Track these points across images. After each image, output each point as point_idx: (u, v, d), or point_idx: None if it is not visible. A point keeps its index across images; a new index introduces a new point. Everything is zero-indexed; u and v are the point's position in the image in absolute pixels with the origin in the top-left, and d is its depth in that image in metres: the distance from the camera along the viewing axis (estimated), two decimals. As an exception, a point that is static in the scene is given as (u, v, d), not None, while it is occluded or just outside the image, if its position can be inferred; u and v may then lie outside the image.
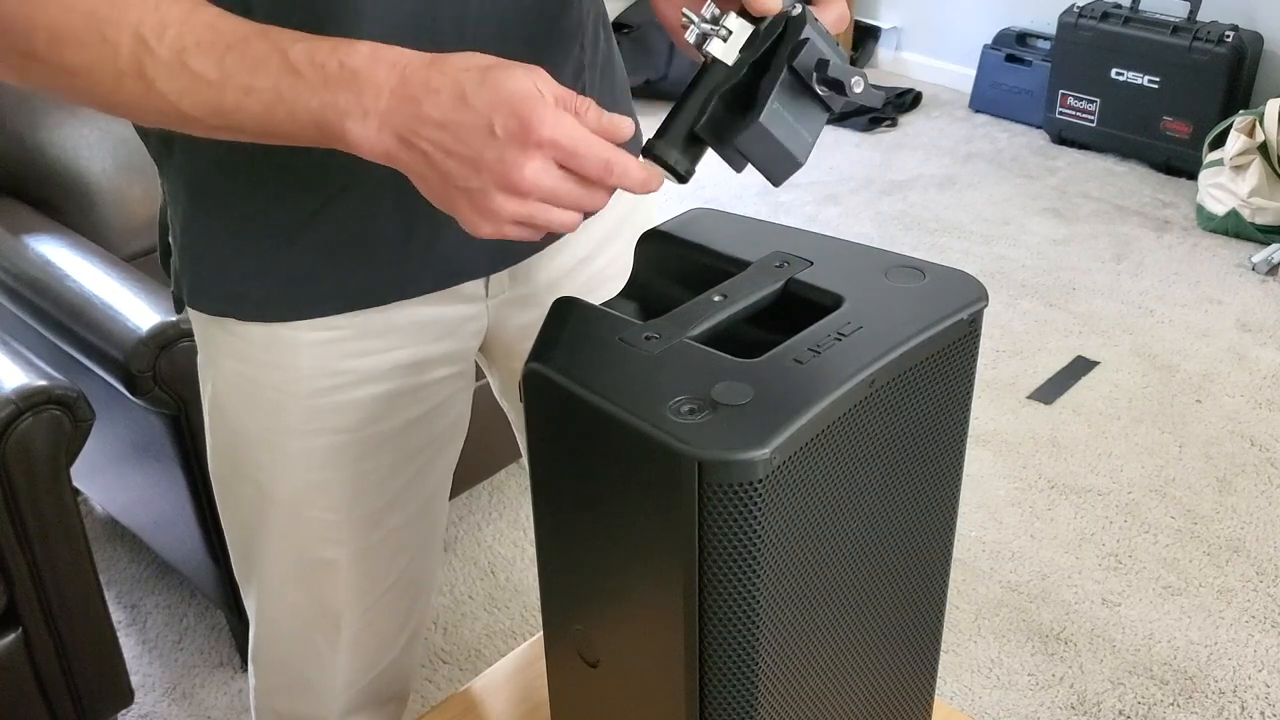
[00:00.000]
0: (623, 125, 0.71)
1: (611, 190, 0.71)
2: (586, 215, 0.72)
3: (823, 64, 0.70)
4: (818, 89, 0.71)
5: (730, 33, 0.73)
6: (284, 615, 1.06)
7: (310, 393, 0.93)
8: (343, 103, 0.68)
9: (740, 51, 0.73)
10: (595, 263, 1.04)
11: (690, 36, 0.74)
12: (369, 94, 0.68)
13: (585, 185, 0.69)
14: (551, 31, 0.88)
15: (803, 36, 0.70)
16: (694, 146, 0.73)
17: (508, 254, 0.97)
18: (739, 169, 0.72)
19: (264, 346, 0.93)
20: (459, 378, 1.02)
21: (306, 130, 0.70)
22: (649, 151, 0.73)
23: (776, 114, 0.70)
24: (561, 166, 0.68)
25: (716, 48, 0.73)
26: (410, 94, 0.67)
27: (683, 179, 0.73)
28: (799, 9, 0.71)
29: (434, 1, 0.80)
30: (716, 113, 0.72)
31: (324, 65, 0.68)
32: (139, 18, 0.69)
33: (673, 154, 0.72)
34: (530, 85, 0.67)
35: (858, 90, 0.71)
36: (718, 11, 0.73)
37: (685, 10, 0.74)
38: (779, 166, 0.72)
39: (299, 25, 0.71)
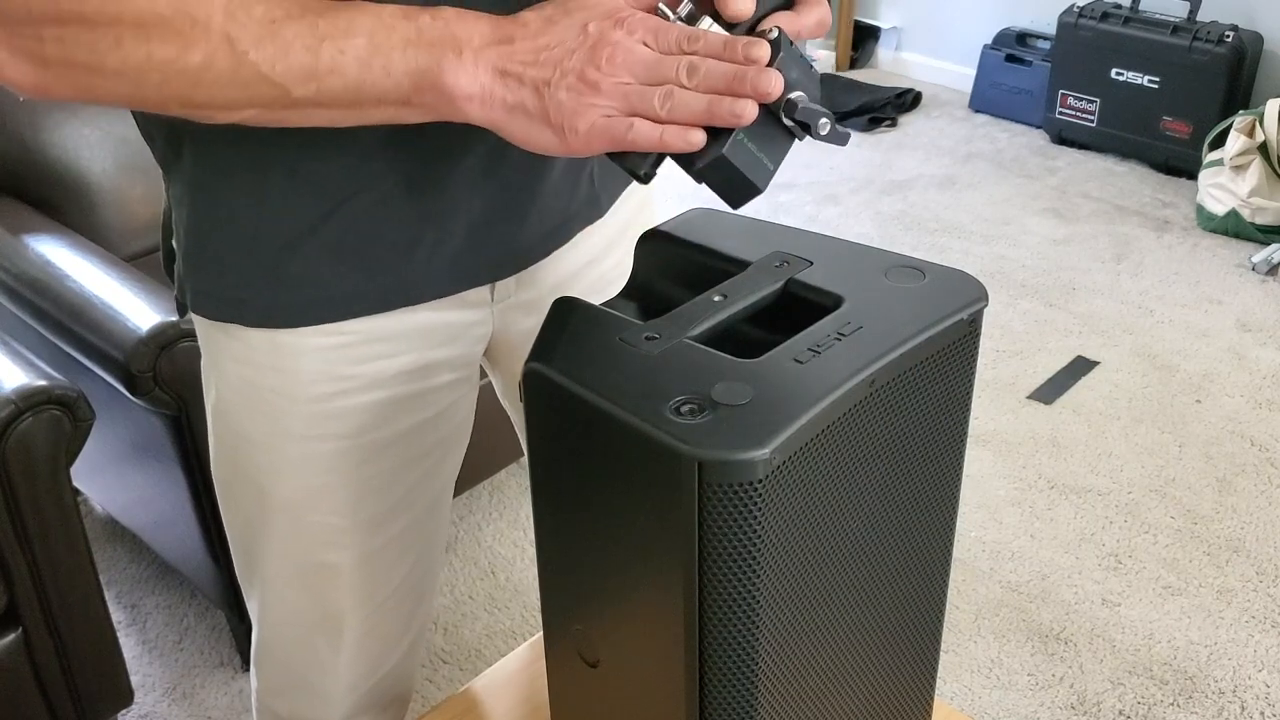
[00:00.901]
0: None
1: (701, 83, 0.68)
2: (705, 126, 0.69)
3: (791, 105, 0.69)
4: (785, 121, 0.70)
5: None
6: (286, 618, 1.06)
7: (312, 398, 0.93)
8: (440, 39, 0.70)
9: None
10: (601, 265, 1.04)
11: None
12: (463, 30, 0.70)
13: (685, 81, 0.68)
14: None
15: (774, 68, 0.68)
16: (660, 157, 0.72)
17: (514, 259, 0.97)
18: (697, 182, 0.72)
19: (266, 351, 0.92)
20: (463, 383, 1.02)
21: (400, 85, 0.71)
22: (615, 156, 0.72)
23: (740, 145, 0.69)
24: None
25: None
26: (505, 33, 0.70)
27: (644, 181, 0.73)
28: (775, 32, 0.70)
29: None
30: None
31: (417, 16, 0.70)
32: None
33: (643, 166, 0.71)
34: (620, 1, 0.70)
35: (824, 133, 0.70)
36: (694, 10, 0.71)
37: (660, 4, 0.72)
38: (738, 194, 0.71)
39: None
